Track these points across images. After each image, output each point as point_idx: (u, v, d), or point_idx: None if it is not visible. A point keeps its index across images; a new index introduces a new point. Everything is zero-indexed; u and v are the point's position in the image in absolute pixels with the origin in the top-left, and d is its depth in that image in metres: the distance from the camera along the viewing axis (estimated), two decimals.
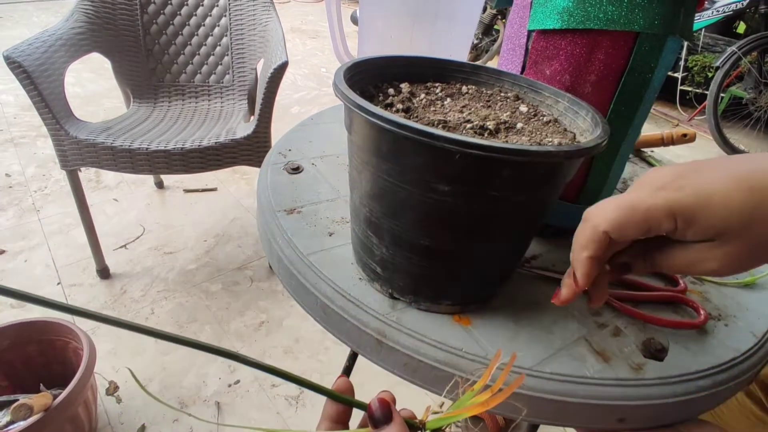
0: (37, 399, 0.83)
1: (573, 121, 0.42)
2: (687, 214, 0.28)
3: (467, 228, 0.35)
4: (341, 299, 0.43)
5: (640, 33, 0.43)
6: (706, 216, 0.27)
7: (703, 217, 0.27)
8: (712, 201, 0.27)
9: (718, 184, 0.27)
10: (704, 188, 0.27)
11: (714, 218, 0.27)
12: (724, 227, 0.27)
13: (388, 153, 0.34)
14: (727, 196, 0.27)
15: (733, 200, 0.27)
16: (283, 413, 1.16)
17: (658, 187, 0.29)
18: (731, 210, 0.27)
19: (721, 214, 0.27)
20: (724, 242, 0.28)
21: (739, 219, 0.27)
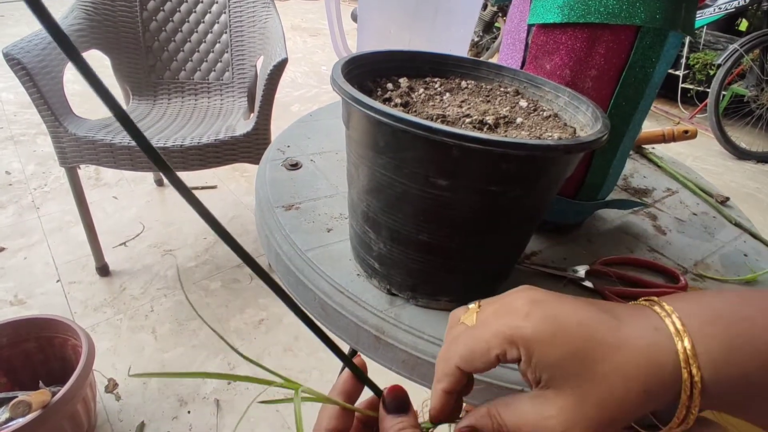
0: (35, 396, 0.83)
1: (573, 116, 0.42)
2: (527, 345, 0.25)
3: (465, 223, 0.35)
4: (339, 296, 0.43)
5: (641, 27, 0.43)
6: (545, 350, 0.24)
7: (542, 351, 0.24)
8: (555, 337, 0.25)
9: (566, 319, 0.25)
10: (549, 318, 0.25)
11: (552, 355, 0.24)
12: (561, 371, 0.24)
13: (385, 147, 0.33)
14: (569, 336, 0.25)
15: (576, 341, 0.24)
16: (283, 411, 1.16)
17: (505, 314, 0.27)
18: (571, 351, 0.24)
19: (560, 353, 0.24)
20: (559, 392, 0.25)
21: (576, 365, 0.24)
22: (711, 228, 0.63)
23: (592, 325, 0.25)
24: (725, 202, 0.70)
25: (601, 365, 0.24)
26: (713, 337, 0.24)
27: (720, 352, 0.24)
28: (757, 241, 0.61)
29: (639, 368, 0.24)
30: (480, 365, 0.27)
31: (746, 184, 2.75)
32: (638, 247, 0.56)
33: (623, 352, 0.25)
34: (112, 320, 1.34)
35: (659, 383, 0.24)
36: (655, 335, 0.25)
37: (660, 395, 0.25)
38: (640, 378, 0.24)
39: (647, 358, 0.24)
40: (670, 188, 0.72)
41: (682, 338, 0.24)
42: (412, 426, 0.28)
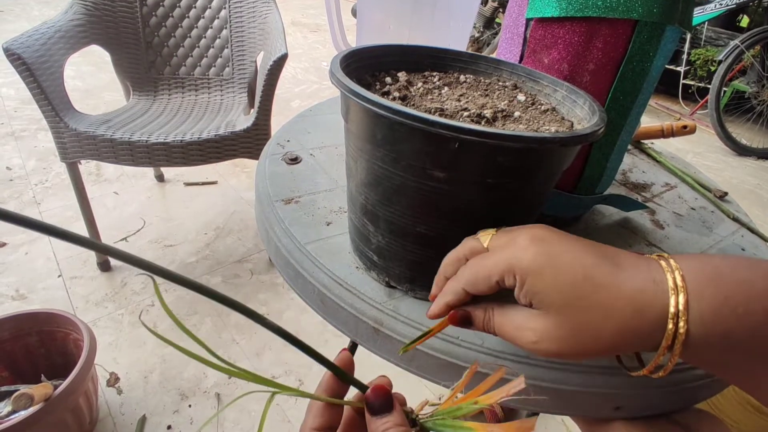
0: (37, 389, 0.84)
1: (571, 109, 0.42)
2: (522, 274, 0.28)
3: (463, 215, 0.35)
4: (338, 288, 0.43)
5: (639, 21, 0.43)
6: (534, 281, 0.28)
7: (532, 281, 0.28)
8: (545, 269, 0.28)
9: (560, 256, 0.28)
10: (545, 253, 0.28)
11: (540, 285, 0.28)
12: (548, 298, 0.28)
13: (383, 140, 0.33)
14: (559, 270, 0.28)
15: (565, 276, 0.27)
16: (283, 404, 1.16)
17: (511, 246, 0.30)
18: (558, 284, 0.27)
19: (547, 284, 0.28)
20: (545, 314, 0.28)
21: (561, 296, 0.27)
22: (709, 222, 0.63)
23: (587, 265, 0.28)
24: (724, 197, 0.70)
25: (585, 300, 0.27)
26: (709, 296, 0.25)
27: (711, 311, 0.25)
28: (755, 236, 0.62)
29: (620, 310, 0.27)
30: (483, 288, 0.30)
31: (747, 180, 2.75)
32: (636, 241, 0.56)
33: (609, 292, 0.27)
34: (113, 315, 1.34)
35: (636, 330, 0.27)
36: (650, 286, 0.27)
37: (635, 342, 0.27)
38: (618, 320, 0.27)
39: (631, 304, 0.27)
40: (668, 183, 0.72)
41: (678, 294, 0.26)
42: (397, 425, 0.28)
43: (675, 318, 0.26)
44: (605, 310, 0.27)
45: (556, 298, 0.28)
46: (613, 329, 0.27)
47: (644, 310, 0.26)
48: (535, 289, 0.28)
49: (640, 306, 0.26)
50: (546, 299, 0.28)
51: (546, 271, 0.28)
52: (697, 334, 0.25)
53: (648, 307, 0.26)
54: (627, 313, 0.26)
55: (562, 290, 0.27)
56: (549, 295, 0.28)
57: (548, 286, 0.28)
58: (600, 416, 0.39)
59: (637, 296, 0.27)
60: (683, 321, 0.25)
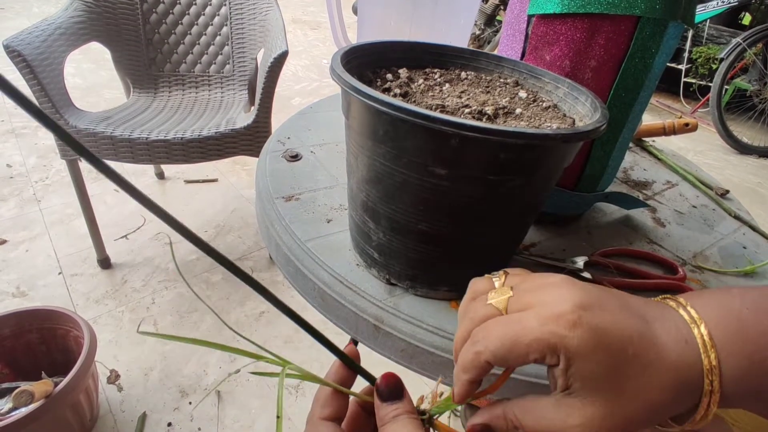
0: (38, 386, 0.84)
1: (572, 106, 0.42)
2: (569, 356, 0.24)
3: (464, 212, 0.35)
4: (339, 285, 0.43)
5: (641, 17, 0.42)
6: (584, 365, 0.24)
7: (581, 365, 0.24)
8: (596, 352, 0.24)
9: (609, 333, 0.25)
10: (593, 329, 0.24)
11: (589, 369, 0.24)
12: (597, 385, 0.25)
13: (384, 136, 0.33)
14: (610, 353, 0.24)
15: (616, 359, 0.25)
16: (283, 402, 1.16)
17: (550, 317, 0.25)
18: (609, 370, 0.24)
19: (599, 369, 0.24)
20: (590, 402, 0.25)
21: (612, 383, 0.24)
22: (710, 220, 0.63)
23: (633, 338, 0.25)
24: (725, 194, 0.70)
25: (634, 381, 0.25)
26: (737, 354, 0.25)
27: (740, 368, 0.25)
28: (756, 234, 0.62)
29: (670, 385, 0.25)
30: (513, 364, 0.26)
31: (748, 178, 2.75)
32: (637, 239, 0.56)
33: (657, 369, 0.25)
34: (113, 312, 1.34)
35: (685, 395, 0.25)
36: (685, 349, 0.25)
37: (683, 405, 0.26)
38: (670, 394, 0.25)
39: (677, 377, 0.25)
40: (669, 181, 0.72)
41: (709, 354, 0.25)
42: (407, 412, 0.27)
43: (710, 375, 0.25)
44: (657, 388, 0.25)
45: (606, 383, 0.24)
46: (667, 402, 0.25)
47: (689, 377, 0.25)
48: (584, 372, 0.24)
49: (685, 375, 0.25)
50: (593, 384, 0.24)
51: (598, 355, 0.24)
52: (729, 390, 0.25)
53: (690, 371, 0.25)
54: (675, 384, 0.25)
55: (612, 372, 0.24)
56: (598, 381, 0.24)
57: (600, 371, 0.24)
58: None
59: (680, 366, 0.25)
60: (716, 378, 0.25)
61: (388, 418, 0.27)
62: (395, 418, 0.27)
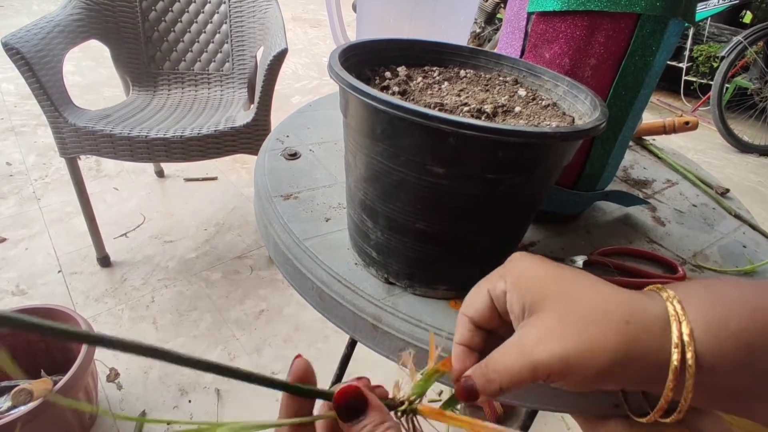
0: (37, 384, 0.84)
1: (572, 105, 0.41)
2: (513, 274, 0.28)
3: (462, 211, 0.35)
4: (337, 284, 0.43)
5: (641, 15, 0.42)
6: (526, 274, 0.28)
7: (524, 277, 0.28)
8: (536, 266, 0.29)
9: (550, 263, 0.29)
10: (537, 259, 0.29)
11: (532, 277, 0.28)
12: (543, 289, 0.27)
13: (382, 135, 0.33)
14: (550, 267, 0.28)
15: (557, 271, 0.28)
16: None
17: (504, 263, 0.30)
18: (550, 276, 0.28)
19: (540, 276, 0.28)
20: (542, 312, 0.26)
21: (556, 285, 0.27)
22: (710, 219, 0.63)
23: (578, 272, 0.28)
24: (725, 193, 0.69)
25: (580, 294, 0.26)
26: (716, 321, 0.24)
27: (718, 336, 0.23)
28: (757, 233, 0.61)
29: (622, 300, 0.25)
30: (480, 306, 0.29)
31: (748, 177, 2.75)
32: (637, 238, 0.56)
33: (601, 293, 0.26)
34: (113, 310, 1.34)
35: (642, 323, 0.24)
36: (642, 297, 0.26)
37: (643, 342, 0.24)
38: (623, 307, 0.25)
39: (625, 306, 0.25)
40: (669, 179, 0.72)
41: (681, 323, 0.24)
42: (377, 424, 0.25)
43: (680, 347, 0.24)
44: (601, 308, 0.25)
45: (554, 290, 0.27)
46: (620, 318, 0.25)
47: (645, 305, 0.25)
48: (527, 287, 0.27)
49: (639, 300, 0.25)
50: (542, 294, 0.27)
51: (537, 267, 0.28)
52: (705, 342, 0.23)
53: (642, 313, 0.25)
54: (622, 314, 0.25)
55: (558, 284, 0.27)
56: (544, 289, 0.27)
57: (542, 282, 0.27)
58: (600, 413, 0.38)
59: (632, 300, 0.25)
60: (690, 351, 0.23)
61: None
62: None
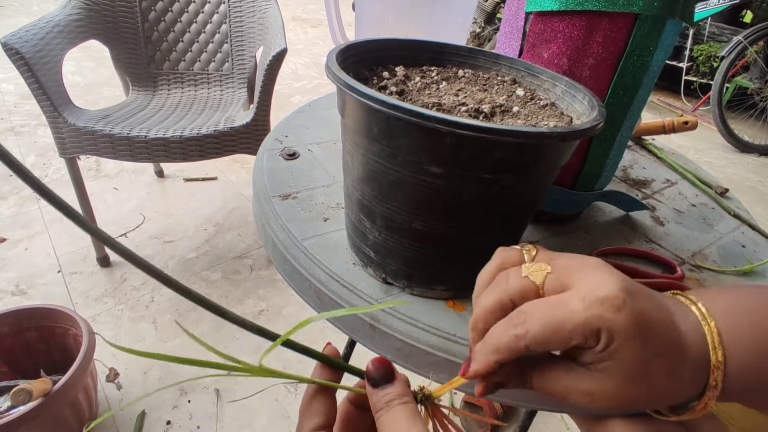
0: (36, 384, 0.84)
1: (570, 104, 0.41)
2: (611, 339, 0.24)
3: (459, 211, 0.35)
4: (335, 284, 0.43)
5: (639, 15, 0.42)
6: (624, 349, 0.24)
7: (620, 347, 0.24)
8: (638, 337, 0.24)
9: (651, 320, 0.25)
10: (637, 313, 0.24)
11: (628, 354, 0.24)
12: (627, 370, 0.24)
13: (379, 134, 0.33)
14: (649, 341, 0.25)
15: (654, 347, 0.25)
16: (282, 400, 1.16)
17: (596, 301, 0.24)
18: (645, 355, 0.24)
19: (635, 354, 0.24)
20: (607, 378, 0.25)
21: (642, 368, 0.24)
22: (709, 219, 0.63)
23: (670, 326, 0.25)
24: (724, 193, 0.69)
25: (659, 367, 0.25)
26: (740, 353, 0.25)
27: (742, 366, 0.25)
28: (756, 233, 0.61)
29: (686, 377, 0.25)
30: (552, 348, 0.25)
31: (748, 177, 2.74)
32: (636, 238, 0.56)
33: (680, 359, 0.25)
34: (112, 311, 1.34)
35: (692, 387, 0.26)
36: (700, 343, 0.26)
37: (686, 396, 0.26)
38: (682, 384, 0.26)
39: (693, 366, 0.25)
40: (669, 179, 0.72)
41: (717, 351, 0.25)
42: (400, 395, 0.26)
43: (715, 371, 0.25)
44: (670, 379, 0.25)
45: (635, 370, 0.24)
46: (669, 392, 0.26)
47: (698, 374, 0.26)
48: (621, 355, 0.24)
49: (697, 371, 0.26)
50: (625, 366, 0.24)
51: (638, 341, 0.24)
52: (728, 386, 0.25)
53: (701, 367, 0.26)
54: (689, 378, 0.26)
55: (646, 363, 0.24)
56: (630, 367, 0.24)
57: (636, 356, 0.24)
58: (599, 414, 0.38)
59: (696, 359, 0.25)
60: (720, 374, 0.25)
61: (381, 404, 0.26)
62: (388, 404, 0.26)
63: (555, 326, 0.24)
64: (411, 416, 0.25)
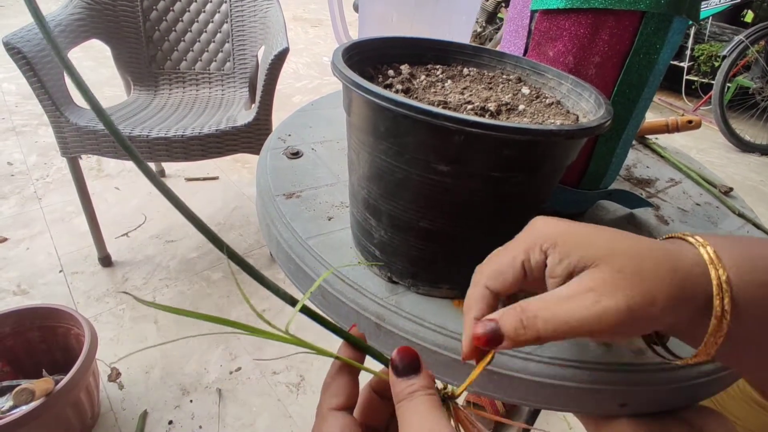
0: (38, 384, 0.84)
1: (576, 103, 0.41)
2: (550, 241, 0.27)
3: (466, 209, 0.35)
4: (340, 283, 0.43)
5: (646, 12, 0.42)
6: (568, 240, 0.26)
7: (565, 241, 0.26)
8: (574, 230, 0.27)
9: (584, 225, 0.28)
10: (568, 222, 0.28)
11: (575, 241, 0.26)
12: (590, 250, 0.26)
13: (386, 132, 0.33)
14: (589, 229, 0.27)
15: (597, 232, 0.27)
16: (284, 400, 1.16)
17: (527, 230, 0.29)
18: (593, 237, 0.26)
19: (583, 238, 0.26)
20: (595, 268, 0.25)
21: (604, 243, 0.26)
22: (714, 218, 0.62)
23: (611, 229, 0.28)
24: (729, 192, 0.69)
25: (626, 246, 0.26)
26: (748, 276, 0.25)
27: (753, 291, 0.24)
28: (761, 232, 0.61)
29: (664, 250, 0.26)
30: (508, 277, 0.27)
31: (750, 176, 2.74)
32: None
33: (643, 242, 0.26)
34: (114, 310, 1.34)
35: (685, 270, 0.25)
36: (682, 244, 0.27)
37: (688, 288, 0.25)
38: (669, 255, 0.25)
39: (667, 246, 0.26)
40: (673, 178, 0.72)
41: (717, 269, 0.25)
42: (424, 387, 0.25)
43: (719, 293, 0.24)
44: (650, 258, 0.25)
45: (601, 246, 0.26)
46: (667, 266, 0.25)
47: (682, 266, 0.25)
48: (571, 248, 0.26)
49: (675, 257, 0.25)
50: (589, 252, 0.26)
51: (577, 230, 0.27)
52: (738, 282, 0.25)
53: (683, 260, 0.25)
54: (669, 262, 0.25)
55: (602, 240, 0.26)
56: (591, 247, 0.26)
57: (586, 240, 0.26)
58: (605, 413, 0.38)
59: (671, 249, 0.26)
60: (727, 296, 0.24)
61: (404, 394, 0.25)
62: (411, 394, 0.25)
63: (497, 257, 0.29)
64: (434, 407, 0.25)
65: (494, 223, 0.37)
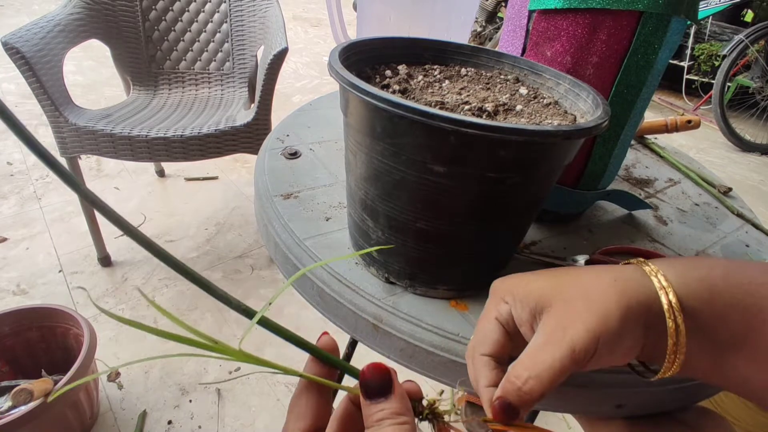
0: (37, 384, 0.84)
1: (574, 103, 0.41)
2: (509, 292, 0.31)
3: (463, 210, 0.35)
4: (337, 284, 0.43)
5: (644, 12, 0.42)
6: (522, 289, 0.30)
7: (521, 290, 0.30)
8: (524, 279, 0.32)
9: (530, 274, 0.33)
10: (517, 276, 0.33)
11: (528, 287, 0.30)
12: (544, 290, 0.30)
13: (382, 133, 0.33)
14: (537, 276, 0.32)
15: (544, 276, 0.31)
16: (284, 400, 1.16)
17: (489, 293, 0.34)
18: (542, 281, 0.31)
19: (535, 284, 0.30)
20: (553, 307, 0.29)
21: (552, 282, 0.30)
22: (713, 218, 0.62)
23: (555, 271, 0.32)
24: (728, 192, 0.69)
25: (570, 276, 0.30)
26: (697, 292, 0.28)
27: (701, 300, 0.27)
28: (759, 232, 0.61)
29: (607, 273, 0.29)
30: (492, 336, 0.30)
31: (750, 176, 2.74)
32: (639, 237, 0.56)
33: (587, 269, 0.31)
34: (113, 310, 1.34)
35: (632, 290, 0.28)
36: (625, 270, 0.30)
37: (634, 302, 0.27)
38: (612, 275, 0.29)
39: (615, 275, 0.29)
40: (672, 178, 0.71)
41: (668, 293, 0.27)
42: (394, 414, 0.22)
43: (671, 314, 0.27)
44: (596, 286, 0.28)
45: (551, 287, 0.29)
46: (613, 297, 0.27)
47: (627, 276, 0.29)
48: (524, 294, 0.30)
49: (622, 275, 0.29)
50: (543, 293, 0.29)
51: (527, 278, 0.32)
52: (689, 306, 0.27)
53: (628, 280, 0.28)
54: (614, 284, 0.28)
55: (550, 282, 0.30)
56: (542, 289, 0.30)
57: (535, 285, 0.30)
58: (602, 414, 0.38)
59: (614, 271, 0.30)
60: (680, 316, 0.27)
61: (371, 421, 0.23)
62: (379, 422, 0.22)
63: (478, 327, 0.32)
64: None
65: (492, 223, 0.37)
